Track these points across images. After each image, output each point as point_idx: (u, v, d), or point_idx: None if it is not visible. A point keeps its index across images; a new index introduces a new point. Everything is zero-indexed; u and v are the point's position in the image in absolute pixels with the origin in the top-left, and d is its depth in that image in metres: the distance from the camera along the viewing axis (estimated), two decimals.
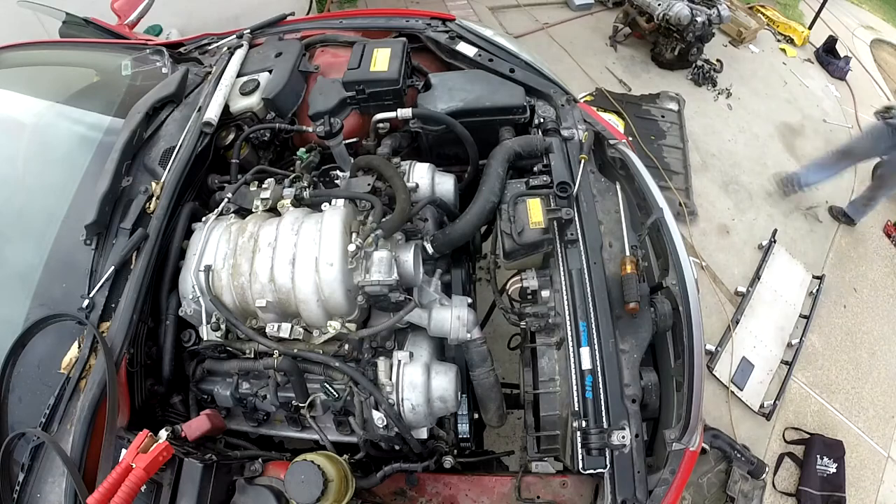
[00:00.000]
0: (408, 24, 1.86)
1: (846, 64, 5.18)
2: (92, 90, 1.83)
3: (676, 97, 4.21)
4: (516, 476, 1.24)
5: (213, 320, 1.24)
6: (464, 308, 1.30)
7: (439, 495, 1.26)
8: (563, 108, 1.64)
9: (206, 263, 1.25)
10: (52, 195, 1.47)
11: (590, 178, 1.48)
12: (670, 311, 1.30)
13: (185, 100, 1.61)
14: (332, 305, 1.18)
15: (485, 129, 1.62)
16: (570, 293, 1.31)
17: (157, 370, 1.28)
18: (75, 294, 1.23)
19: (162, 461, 0.99)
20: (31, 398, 1.16)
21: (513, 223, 1.33)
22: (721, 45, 5.01)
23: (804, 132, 4.53)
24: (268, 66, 1.68)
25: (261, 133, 1.60)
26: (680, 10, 4.15)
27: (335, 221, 1.21)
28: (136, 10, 2.24)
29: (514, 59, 1.76)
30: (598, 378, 1.20)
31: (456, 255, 1.51)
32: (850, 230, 3.87)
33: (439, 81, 1.66)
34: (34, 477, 1.07)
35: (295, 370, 1.20)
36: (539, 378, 1.30)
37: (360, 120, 1.70)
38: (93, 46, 2.06)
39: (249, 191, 1.42)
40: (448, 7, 4.75)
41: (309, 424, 1.26)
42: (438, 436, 1.32)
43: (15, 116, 1.74)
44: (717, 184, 3.87)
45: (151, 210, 1.32)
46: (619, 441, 1.14)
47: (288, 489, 1.03)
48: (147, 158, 1.44)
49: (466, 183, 1.66)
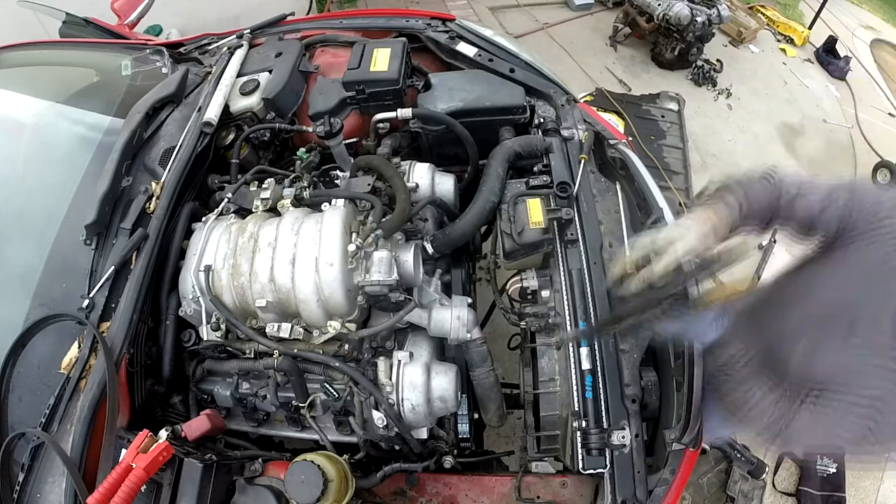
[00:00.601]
0: (408, 24, 1.86)
1: (846, 64, 5.17)
2: (92, 90, 1.83)
3: (676, 97, 4.21)
4: (516, 476, 1.24)
5: (213, 320, 1.24)
6: (464, 308, 1.30)
7: (439, 495, 1.26)
8: (563, 108, 1.64)
9: (206, 263, 1.25)
10: (52, 195, 1.47)
11: (590, 178, 1.48)
12: None
13: (185, 100, 1.61)
14: (332, 305, 1.18)
15: (485, 129, 1.62)
16: (570, 293, 1.31)
17: (157, 370, 1.28)
18: (75, 294, 1.23)
19: (162, 461, 0.99)
20: (31, 398, 1.16)
21: (513, 223, 1.32)
22: (721, 45, 5.01)
23: (804, 132, 4.53)
24: (268, 66, 1.68)
25: (261, 133, 1.60)
26: (680, 10, 4.14)
27: (335, 221, 1.21)
28: (136, 10, 2.24)
29: (514, 59, 1.76)
30: (598, 378, 1.20)
31: (456, 255, 1.51)
32: None
33: (439, 81, 1.66)
34: (34, 477, 1.07)
35: (295, 370, 1.20)
36: (539, 378, 1.30)
37: (360, 120, 1.70)
38: (93, 46, 2.06)
39: (249, 191, 1.42)
40: (448, 7, 4.75)
41: (309, 424, 1.26)
42: (438, 436, 1.32)
43: (15, 116, 1.74)
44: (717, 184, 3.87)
45: (151, 210, 1.32)
46: (619, 441, 1.14)
47: (288, 489, 1.03)
48: (147, 158, 1.44)
49: (466, 183, 1.66)
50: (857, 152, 4.50)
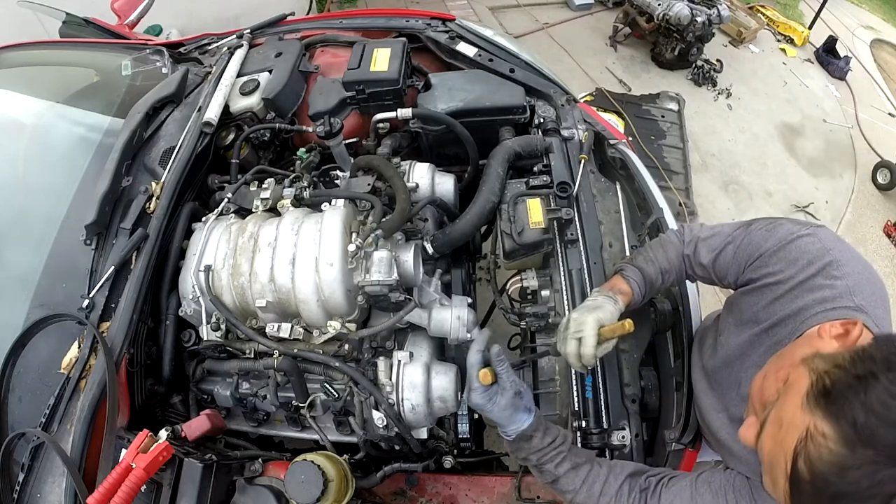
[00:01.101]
0: (408, 24, 1.86)
1: (846, 64, 5.18)
2: (92, 90, 1.83)
3: (676, 97, 4.21)
4: (516, 476, 1.24)
5: (213, 320, 1.24)
6: (464, 308, 1.30)
7: (439, 495, 1.26)
8: (563, 108, 1.64)
9: (206, 263, 1.25)
10: (52, 195, 1.47)
11: (590, 178, 1.48)
12: (670, 310, 1.30)
13: (185, 100, 1.61)
14: (332, 305, 1.18)
15: (485, 129, 1.62)
16: (570, 293, 1.31)
17: (157, 370, 1.28)
18: (75, 294, 1.23)
19: (162, 461, 0.98)
20: (31, 398, 1.16)
21: (513, 223, 1.32)
22: (721, 45, 5.02)
23: (804, 132, 4.53)
24: (268, 66, 1.68)
25: (261, 133, 1.60)
26: (680, 10, 4.15)
27: (335, 221, 1.21)
28: (136, 10, 2.24)
29: (514, 59, 1.76)
30: (598, 378, 1.20)
31: (456, 255, 1.51)
32: (850, 230, 3.87)
33: (439, 81, 1.66)
34: (34, 477, 1.07)
35: (295, 370, 1.20)
36: (539, 378, 1.30)
37: (360, 120, 1.70)
38: (93, 46, 2.06)
39: (249, 191, 1.42)
40: (448, 7, 4.75)
41: (309, 424, 1.26)
42: (438, 436, 1.32)
43: (15, 116, 1.74)
44: (717, 184, 3.87)
45: (151, 210, 1.32)
46: (619, 441, 1.14)
47: (288, 489, 1.03)
48: (147, 158, 1.44)
49: (466, 183, 1.66)
50: (857, 152, 4.51)
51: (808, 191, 4.04)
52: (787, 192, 3.99)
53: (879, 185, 4.25)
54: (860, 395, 0.54)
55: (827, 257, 0.80)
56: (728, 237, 0.99)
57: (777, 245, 0.87)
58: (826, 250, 0.81)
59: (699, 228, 1.08)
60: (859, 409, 0.53)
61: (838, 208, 3.99)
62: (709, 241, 1.03)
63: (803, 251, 0.83)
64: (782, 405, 0.62)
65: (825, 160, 4.36)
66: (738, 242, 0.96)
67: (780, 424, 0.61)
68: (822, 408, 0.57)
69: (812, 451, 0.56)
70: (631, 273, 1.10)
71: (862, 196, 4.16)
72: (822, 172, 4.25)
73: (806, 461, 0.56)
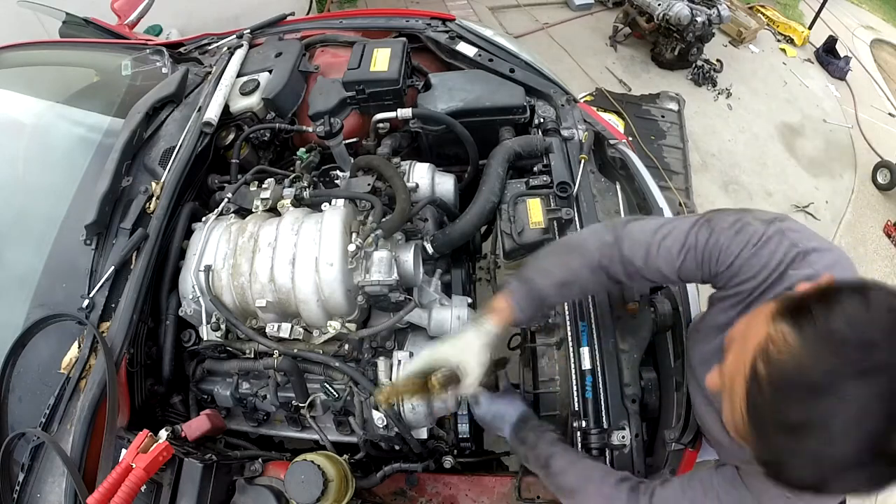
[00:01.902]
0: (408, 24, 1.86)
1: (846, 64, 5.18)
2: (92, 90, 1.83)
3: (676, 97, 4.21)
4: (516, 476, 1.24)
5: (213, 320, 1.24)
6: (464, 308, 1.30)
7: (439, 495, 1.26)
8: (563, 108, 1.64)
9: (206, 263, 1.25)
10: (52, 195, 1.47)
11: (590, 178, 1.48)
12: (670, 311, 1.30)
13: (185, 100, 1.61)
14: (332, 305, 1.18)
15: (485, 129, 1.62)
16: None
17: (157, 370, 1.28)
18: (75, 294, 1.23)
19: (162, 461, 0.98)
20: (31, 398, 1.16)
21: (513, 223, 1.32)
22: (721, 45, 5.01)
23: (804, 132, 4.53)
24: (268, 66, 1.68)
25: (261, 133, 1.60)
26: (680, 10, 4.15)
27: (335, 221, 1.21)
28: (136, 10, 2.24)
29: (514, 59, 1.76)
30: (598, 378, 1.20)
31: (456, 255, 1.51)
32: (850, 230, 3.87)
33: (439, 81, 1.66)
34: (34, 477, 1.07)
35: (295, 370, 1.20)
36: (539, 378, 1.30)
37: (360, 120, 1.70)
38: (93, 46, 2.06)
39: (249, 191, 1.42)
40: (448, 7, 4.75)
41: (309, 424, 1.26)
42: (438, 436, 1.31)
43: (15, 116, 1.74)
44: (717, 184, 3.87)
45: (151, 210, 1.32)
46: (619, 441, 1.14)
47: (288, 489, 1.03)
48: (147, 158, 1.44)
49: (466, 183, 1.66)
50: (857, 152, 4.51)
51: (808, 191, 4.03)
52: (787, 191, 3.99)
53: (879, 185, 4.25)
54: (824, 305, 0.58)
55: (794, 251, 0.79)
56: (685, 239, 0.88)
57: (746, 251, 0.82)
58: (793, 245, 0.79)
59: (633, 226, 0.96)
60: (822, 313, 0.57)
61: (838, 208, 3.99)
62: (665, 245, 0.90)
63: (774, 253, 0.80)
64: (745, 333, 0.66)
65: (825, 160, 4.36)
66: (700, 247, 0.86)
67: (743, 341, 0.65)
68: (785, 317, 0.60)
69: (772, 351, 0.59)
70: (515, 287, 1.00)
71: (862, 196, 4.16)
72: (822, 172, 4.25)
73: (765, 360, 0.59)
